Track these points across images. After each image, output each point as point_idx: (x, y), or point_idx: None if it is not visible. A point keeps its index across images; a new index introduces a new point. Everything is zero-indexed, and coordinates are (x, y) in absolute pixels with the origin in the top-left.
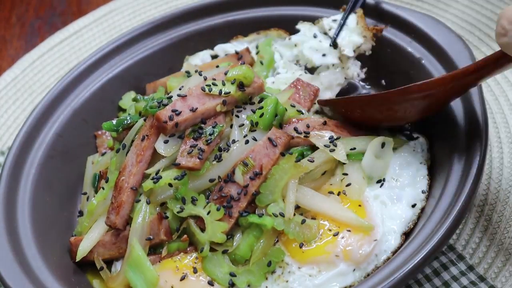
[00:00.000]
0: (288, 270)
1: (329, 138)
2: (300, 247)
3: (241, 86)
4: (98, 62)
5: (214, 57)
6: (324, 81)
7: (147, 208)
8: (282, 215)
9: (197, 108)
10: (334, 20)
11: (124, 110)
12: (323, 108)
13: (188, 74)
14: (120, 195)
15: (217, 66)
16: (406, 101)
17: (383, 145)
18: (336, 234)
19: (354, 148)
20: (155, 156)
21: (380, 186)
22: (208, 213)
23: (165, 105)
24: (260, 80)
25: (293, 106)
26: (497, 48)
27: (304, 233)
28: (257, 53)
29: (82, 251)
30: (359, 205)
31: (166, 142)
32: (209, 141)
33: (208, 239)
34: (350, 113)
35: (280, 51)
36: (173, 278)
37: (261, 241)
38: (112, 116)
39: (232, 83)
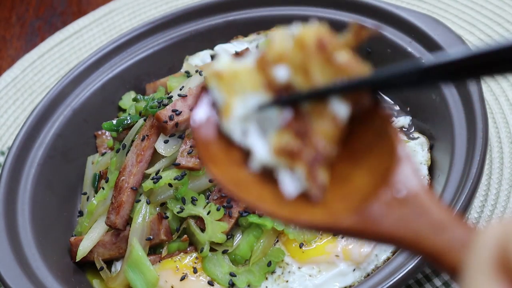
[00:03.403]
0: (288, 270)
1: None
2: (300, 247)
3: None
4: (98, 62)
5: (214, 57)
6: None
7: (147, 208)
8: None
9: None
10: None
11: (124, 110)
12: None
13: (188, 74)
14: (120, 195)
15: None
16: None
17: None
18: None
19: None
20: (155, 156)
21: None
22: (208, 213)
23: (165, 105)
24: None
25: None
26: None
27: (304, 233)
28: None
29: (82, 251)
30: None
31: (166, 142)
32: None
33: (208, 239)
34: None
35: None
36: (173, 278)
37: (261, 241)
38: (112, 116)
39: None
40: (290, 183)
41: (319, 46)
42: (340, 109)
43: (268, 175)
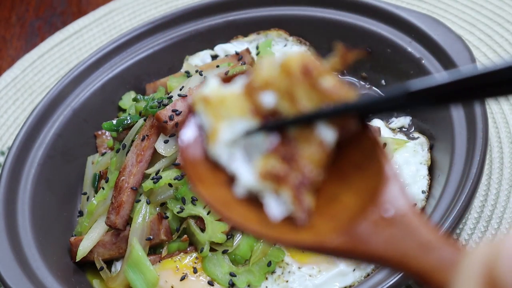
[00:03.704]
0: (288, 270)
1: None
2: None
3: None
4: (98, 62)
5: (214, 57)
6: None
7: (147, 208)
8: None
9: None
10: None
11: (124, 110)
12: None
13: (188, 74)
14: (120, 195)
15: (218, 66)
16: None
17: (384, 145)
18: None
19: None
20: (155, 156)
21: None
22: (208, 213)
23: (165, 105)
24: None
25: None
26: (497, 49)
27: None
28: (257, 54)
29: (82, 251)
30: None
31: (166, 142)
32: None
33: (208, 239)
34: None
35: None
36: (173, 278)
37: (261, 241)
38: (112, 116)
39: None
40: (275, 207)
41: (304, 72)
42: (327, 134)
43: (254, 198)
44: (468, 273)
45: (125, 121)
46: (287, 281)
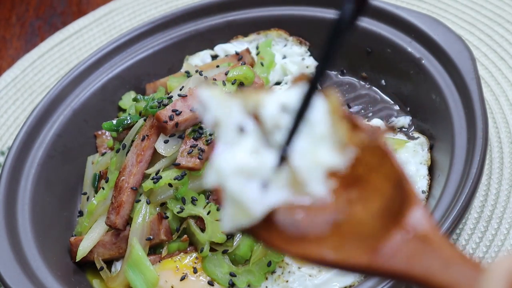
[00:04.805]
0: (288, 270)
1: None
2: None
3: (241, 86)
4: (98, 62)
5: (214, 57)
6: None
7: (147, 208)
8: None
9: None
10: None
11: (124, 110)
12: None
13: (188, 74)
14: (120, 195)
15: (218, 66)
16: None
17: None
18: None
19: None
20: (155, 156)
21: None
22: (208, 213)
23: (165, 105)
24: (260, 81)
25: None
26: (497, 49)
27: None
28: (257, 54)
29: (82, 251)
30: None
31: (166, 142)
32: (209, 141)
33: (208, 239)
34: None
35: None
36: (173, 278)
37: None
38: (112, 116)
39: (233, 84)
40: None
41: None
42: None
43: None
44: (495, 284)
45: (125, 121)
46: (287, 281)
